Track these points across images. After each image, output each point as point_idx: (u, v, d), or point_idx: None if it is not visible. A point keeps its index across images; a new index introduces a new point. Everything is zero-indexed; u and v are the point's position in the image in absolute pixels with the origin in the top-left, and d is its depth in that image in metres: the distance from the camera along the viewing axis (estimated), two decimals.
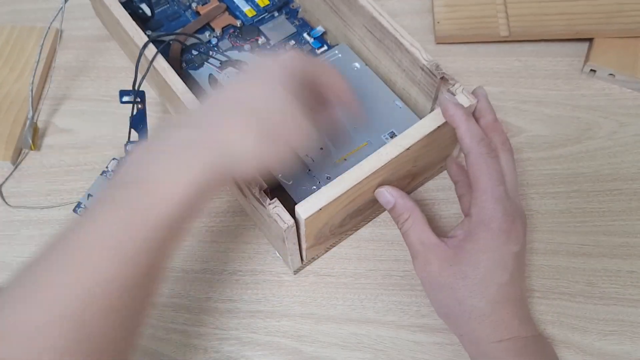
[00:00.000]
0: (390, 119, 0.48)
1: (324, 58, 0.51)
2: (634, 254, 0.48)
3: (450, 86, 0.43)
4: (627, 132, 0.53)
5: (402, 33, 0.46)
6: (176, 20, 0.56)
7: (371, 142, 0.47)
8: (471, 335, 0.39)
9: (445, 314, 0.41)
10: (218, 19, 0.55)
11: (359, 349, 0.45)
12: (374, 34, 0.48)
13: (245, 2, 0.56)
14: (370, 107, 0.49)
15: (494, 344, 0.38)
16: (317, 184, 0.45)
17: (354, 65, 0.51)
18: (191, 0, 0.57)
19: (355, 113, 0.43)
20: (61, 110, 0.56)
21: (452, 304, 0.39)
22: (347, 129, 0.47)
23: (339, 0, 0.50)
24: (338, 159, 0.46)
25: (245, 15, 0.56)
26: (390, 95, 0.50)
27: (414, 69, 0.46)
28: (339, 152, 0.46)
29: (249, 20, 0.55)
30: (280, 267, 0.48)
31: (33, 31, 0.60)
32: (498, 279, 0.38)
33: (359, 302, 0.47)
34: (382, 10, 0.47)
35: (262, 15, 0.56)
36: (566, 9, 0.57)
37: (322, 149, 0.46)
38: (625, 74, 0.55)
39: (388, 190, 0.42)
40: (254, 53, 0.53)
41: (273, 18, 0.56)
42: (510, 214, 0.38)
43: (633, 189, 0.51)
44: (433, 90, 0.46)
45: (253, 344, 0.45)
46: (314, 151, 0.46)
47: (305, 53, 0.50)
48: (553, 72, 0.57)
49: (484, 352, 0.38)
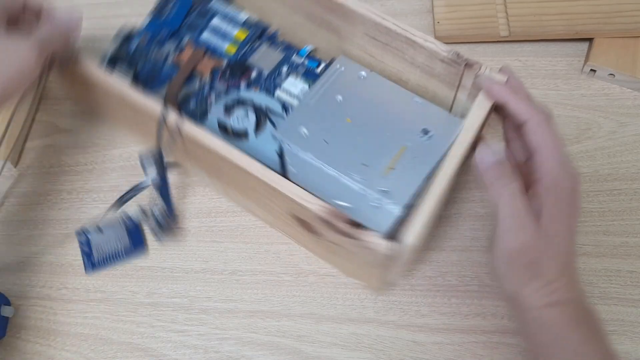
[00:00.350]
0: (416, 116, 0.47)
1: (327, 75, 0.49)
2: (634, 254, 0.48)
3: (476, 70, 0.44)
4: (627, 132, 0.53)
5: (412, 31, 0.46)
6: (158, 76, 0.51)
7: (409, 145, 0.46)
8: (530, 298, 0.38)
9: (514, 282, 0.39)
10: (202, 64, 0.51)
11: (359, 349, 0.45)
12: (378, 39, 0.48)
13: (221, 40, 0.53)
14: (390, 111, 0.47)
15: (551, 307, 0.37)
16: (377, 199, 0.44)
17: (361, 74, 0.49)
18: (166, 52, 0.52)
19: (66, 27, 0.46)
20: (61, 110, 0.56)
21: (526, 271, 0.38)
22: None
23: (330, 16, 0.49)
24: (385, 171, 0.45)
25: (228, 53, 0.52)
26: (406, 94, 0.49)
27: (432, 63, 0.46)
28: None
29: (234, 57, 0.52)
30: (280, 267, 0.48)
31: None
32: (572, 238, 0.38)
33: (359, 302, 0.47)
34: (385, 15, 0.46)
35: (244, 49, 0.52)
36: (566, 9, 0.57)
37: (365, 165, 0.45)
38: (625, 74, 0.55)
39: (492, 148, 0.41)
40: (251, 88, 0.50)
41: (256, 48, 0.52)
42: (575, 175, 0.39)
43: (633, 189, 0.51)
44: (456, 79, 0.46)
45: (253, 344, 0.45)
46: (355, 168, 0.45)
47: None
48: (553, 72, 0.57)
49: (538, 317, 0.38)
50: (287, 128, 0.46)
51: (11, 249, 0.50)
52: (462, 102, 0.48)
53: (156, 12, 0.54)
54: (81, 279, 0.48)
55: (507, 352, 0.44)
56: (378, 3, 0.62)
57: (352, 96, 0.48)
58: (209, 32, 0.53)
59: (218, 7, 0.55)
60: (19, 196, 0.52)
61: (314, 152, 0.45)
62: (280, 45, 0.53)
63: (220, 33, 0.53)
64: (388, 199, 0.43)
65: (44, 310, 0.47)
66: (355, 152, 0.45)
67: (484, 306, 0.46)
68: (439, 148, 0.45)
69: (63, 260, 0.49)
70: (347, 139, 0.46)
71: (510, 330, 0.45)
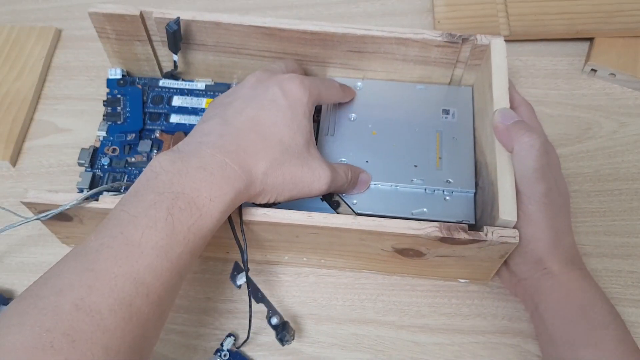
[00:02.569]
0: (429, 102, 0.48)
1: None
2: (634, 254, 0.48)
3: (474, 42, 0.45)
4: (628, 131, 0.53)
5: (400, 31, 0.46)
6: None
7: (440, 130, 0.47)
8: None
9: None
10: None
11: (359, 349, 0.45)
12: (363, 51, 0.48)
13: (194, 116, 0.51)
14: (403, 107, 0.48)
15: None
16: (448, 192, 0.44)
17: (357, 85, 0.49)
18: (144, 153, 0.50)
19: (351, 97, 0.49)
20: (61, 110, 0.56)
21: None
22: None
23: (304, 48, 0.48)
24: (436, 163, 0.45)
25: None
26: (407, 86, 0.49)
27: (427, 52, 0.47)
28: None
29: None
30: (280, 267, 0.48)
31: (33, 31, 0.60)
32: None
33: (359, 302, 0.47)
34: (368, 25, 0.46)
35: None
36: (567, 9, 0.57)
37: (415, 166, 0.45)
38: (625, 74, 0.54)
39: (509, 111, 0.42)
40: None
41: None
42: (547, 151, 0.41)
43: (634, 189, 0.50)
44: (454, 57, 0.47)
45: (253, 344, 0.45)
46: (409, 173, 0.45)
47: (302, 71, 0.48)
48: (553, 72, 0.57)
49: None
50: None
51: (11, 250, 0.50)
52: (459, 76, 0.49)
53: (109, 117, 0.51)
54: None
55: (507, 353, 0.44)
56: (378, 3, 0.62)
57: (361, 109, 0.48)
58: (177, 114, 0.51)
59: (170, 86, 0.52)
60: (19, 196, 0.52)
61: None
62: None
63: (188, 110, 0.51)
64: (457, 187, 0.44)
65: None
66: (399, 158, 0.46)
67: (484, 307, 0.46)
68: (467, 120, 0.47)
69: None
70: (383, 150, 0.46)
71: (510, 330, 0.45)
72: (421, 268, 0.45)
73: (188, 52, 0.50)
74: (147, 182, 0.35)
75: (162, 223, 0.33)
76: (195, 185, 0.35)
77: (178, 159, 0.36)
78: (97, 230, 0.33)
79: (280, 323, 0.42)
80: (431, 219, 0.43)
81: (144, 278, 0.32)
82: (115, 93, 0.52)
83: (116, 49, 0.51)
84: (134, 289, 0.31)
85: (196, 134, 0.39)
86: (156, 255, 0.32)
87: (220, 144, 0.37)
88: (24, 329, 0.29)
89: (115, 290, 0.31)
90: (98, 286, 0.30)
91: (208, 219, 0.35)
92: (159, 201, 0.34)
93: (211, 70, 0.52)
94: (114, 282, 0.31)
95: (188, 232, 0.34)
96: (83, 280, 0.31)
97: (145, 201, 0.34)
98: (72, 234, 0.46)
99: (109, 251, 0.32)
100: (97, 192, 0.41)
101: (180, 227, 0.33)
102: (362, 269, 0.47)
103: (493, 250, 0.40)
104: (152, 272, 0.32)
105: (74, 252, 0.33)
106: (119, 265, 0.31)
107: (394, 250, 0.42)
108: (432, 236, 0.39)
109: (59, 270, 0.32)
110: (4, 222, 0.43)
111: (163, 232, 0.33)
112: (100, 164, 0.49)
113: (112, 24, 0.48)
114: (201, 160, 0.36)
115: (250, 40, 0.48)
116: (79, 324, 0.29)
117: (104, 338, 0.30)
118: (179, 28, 0.47)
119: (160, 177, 0.35)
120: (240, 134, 0.38)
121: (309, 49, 0.48)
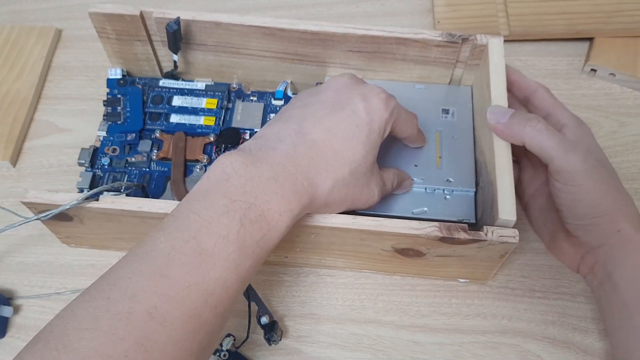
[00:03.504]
0: (428, 102, 0.48)
1: None
2: None
3: (473, 42, 0.45)
4: (628, 131, 0.53)
5: (400, 31, 0.46)
6: (151, 181, 0.48)
7: (440, 129, 0.47)
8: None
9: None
10: (190, 149, 0.49)
11: (359, 349, 0.45)
12: (363, 51, 0.48)
13: (194, 116, 0.50)
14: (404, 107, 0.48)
15: None
16: (448, 191, 0.44)
17: None
18: (145, 153, 0.49)
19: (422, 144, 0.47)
20: (61, 110, 0.56)
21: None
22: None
23: (305, 48, 0.48)
24: (437, 162, 0.45)
25: (209, 126, 0.50)
26: (407, 86, 0.50)
27: (427, 52, 0.47)
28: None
29: (216, 127, 0.50)
30: (280, 267, 0.48)
31: (33, 31, 0.60)
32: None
33: (359, 302, 0.47)
34: (368, 25, 0.46)
35: (222, 115, 0.50)
36: (566, 9, 0.57)
37: (416, 165, 0.45)
38: (625, 74, 0.54)
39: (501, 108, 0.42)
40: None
41: (233, 110, 0.51)
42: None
43: (634, 189, 0.50)
44: (453, 57, 0.47)
45: (253, 344, 0.45)
46: (409, 173, 0.45)
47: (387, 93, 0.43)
48: (553, 72, 0.57)
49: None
50: None
51: (11, 250, 0.50)
52: (458, 76, 0.49)
53: (109, 117, 0.51)
54: (81, 278, 0.48)
55: (507, 353, 0.44)
56: (378, 3, 0.62)
57: None
58: (177, 114, 0.51)
59: (170, 86, 0.52)
60: (19, 196, 0.52)
61: None
62: (252, 96, 0.52)
63: (188, 110, 0.51)
64: (457, 186, 0.44)
65: (44, 310, 0.47)
66: (400, 159, 0.46)
67: (484, 306, 0.46)
68: (466, 119, 0.47)
69: (63, 260, 0.49)
70: (384, 150, 0.46)
71: (510, 330, 0.45)
72: (421, 268, 0.45)
73: (188, 52, 0.50)
74: (218, 183, 0.34)
75: (234, 235, 0.32)
76: (267, 197, 0.34)
77: (250, 163, 0.35)
78: (165, 229, 0.32)
79: (269, 322, 0.42)
80: (432, 218, 0.43)
81: (213, 290, 0.31)
82: (115, 93, 0.52)
83: (116, 49, 0.51)
84: (203, 300, 0.31)
85: (270, 136, 0.38)
86: (227, 267, 0.32)
87: (293, 155, 0.36)
88: (98, 335, 0.28)
89: (188, 301, 0.30)
90: (172, 295, 0.30)
91: (275, 233, 0.34)
92: (232, 209, 0.33)
93: (211, 70, 0.52)
94: (186, 291, 0.30)
95: (256, 247, 0.33)
96: (157, 287, 0.30)
97: (217, 205, 0.33)
98: (72, 233, 0.46)
99: (182, 258, 0.31)
100: (97, 192, 0.41)
101: (250, 241, 0.33)
102: (362, 269, 0.47)
103: (493, 250, 0.40)
104: (222, 284, 0.32)
105: (141, 253, 0.32)
106: (191, 275, 0.31)
107: (394, 250, 0.42)
108: (432, 236, 0.39)
109: (127, 272, 0.31)
110: (4, 222, 0.43)
111: (235, 245, 0.32)
112: (100, 164, 0.49)
113: (112, 24, 0.49)
114: (273, 170, 0.35)
115: (250, 40, 0.48)
116: (152, 334, 0.29)
117: (174, 350, 0.29)
118: (179, 28, 0.47)
119: (232, 181, 0.34)
120: (314, 147, 0.37)
121: (309, 49, 0.48)
